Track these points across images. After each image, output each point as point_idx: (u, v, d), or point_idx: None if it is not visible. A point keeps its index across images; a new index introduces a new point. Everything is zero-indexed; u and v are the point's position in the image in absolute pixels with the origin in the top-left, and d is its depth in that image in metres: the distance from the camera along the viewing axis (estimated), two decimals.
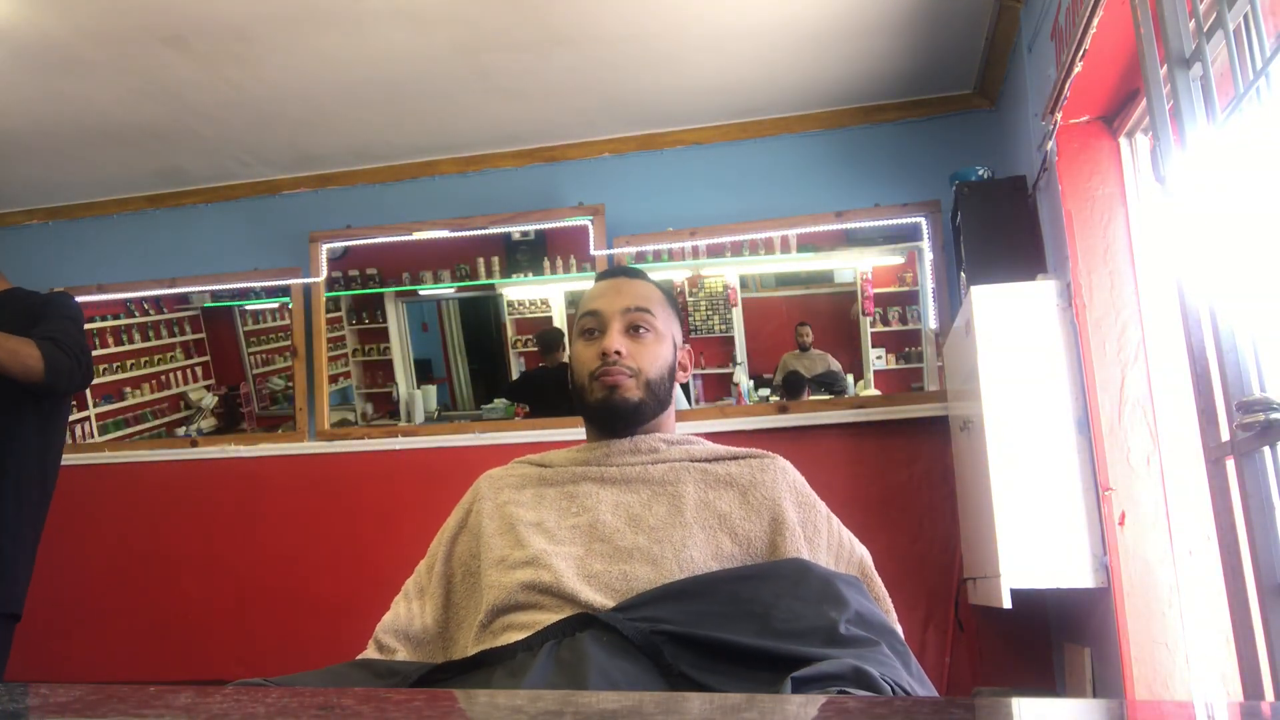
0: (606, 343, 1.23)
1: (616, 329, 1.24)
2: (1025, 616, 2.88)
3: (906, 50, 3.06)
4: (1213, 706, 0.64)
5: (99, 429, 4.02)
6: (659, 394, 1.25)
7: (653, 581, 1.07)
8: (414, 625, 1.20)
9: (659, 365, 1.25)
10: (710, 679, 0.90)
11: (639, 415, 1.24)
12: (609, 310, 1.26)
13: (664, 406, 1.28)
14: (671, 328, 1.30)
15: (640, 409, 1.23)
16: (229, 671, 3.43)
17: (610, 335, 1.23)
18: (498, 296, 4.10)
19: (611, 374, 1.22)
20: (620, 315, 1.25)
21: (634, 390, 1.23)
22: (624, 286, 1.28)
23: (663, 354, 1.26)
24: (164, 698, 0.63)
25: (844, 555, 1.21)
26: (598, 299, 1.28)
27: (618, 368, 1.22)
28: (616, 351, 1.22)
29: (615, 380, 1.22)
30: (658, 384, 1.25)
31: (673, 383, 1.29)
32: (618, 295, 1.27)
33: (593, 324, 1.26)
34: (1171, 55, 1.49)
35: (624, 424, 1.25)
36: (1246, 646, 1.39)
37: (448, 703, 0.64)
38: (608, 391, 1.23)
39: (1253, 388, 1.36)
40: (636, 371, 1.23)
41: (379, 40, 2.86)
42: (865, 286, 3.79)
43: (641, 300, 1.27)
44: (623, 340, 1.24)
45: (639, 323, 1.25)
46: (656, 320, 1.26)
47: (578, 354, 1.28)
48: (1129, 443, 2.20)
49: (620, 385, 1.22)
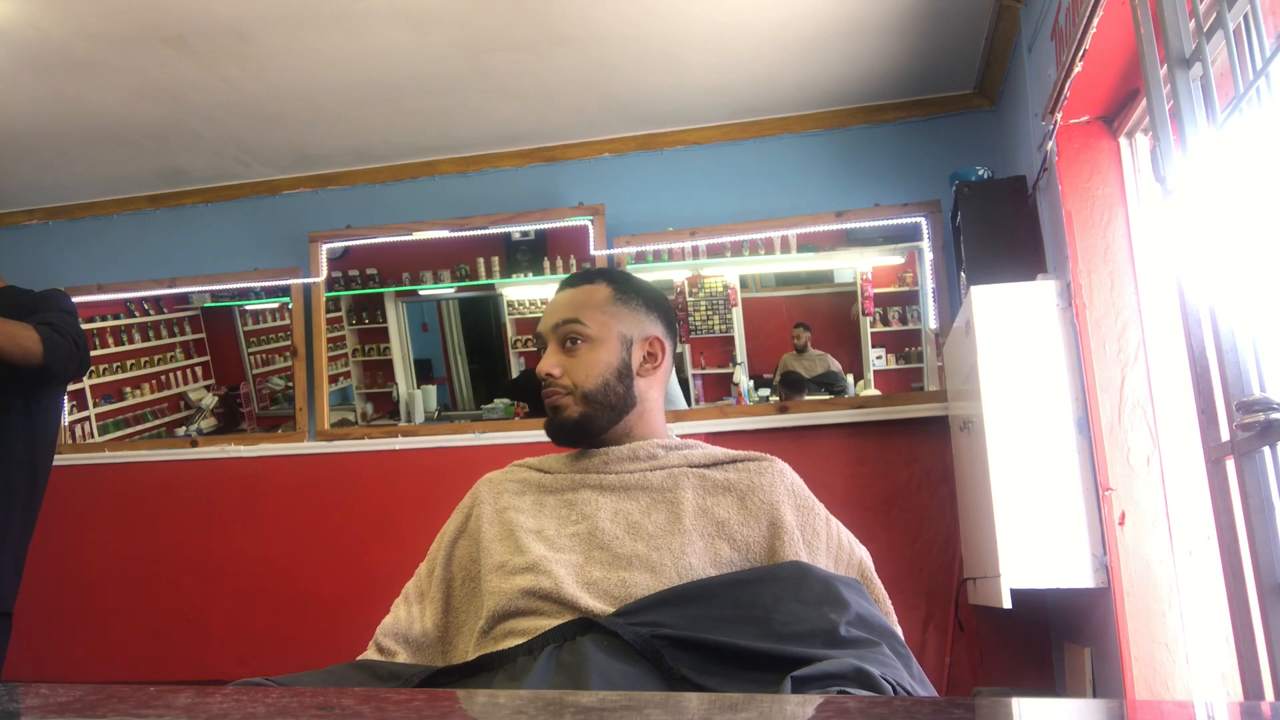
0: (540, 365, 1.26)
1: (551, 348, 1.27)
2: (1025, 616, 2.88)
3: (906, 50, 3.06)
4: (1213, 706, 0.64)
5: (99, 429, 4.02)
6: (606, 400, 1.24)
7: (651, 588, 1.07)
8: (414, 629, 1.19)
9: (595, 373, 1.24)
10: (711, 682, 0.90)
11: (585, 429, 1.24)
12: (545, 331, 1.28)
13: (621, 410, 1.25)
14: (616, 326, 1.27)
15: (583, 423, 1.24)
16: (229, 671, 3.43)
17: (545, 358, 1.26)
18: (498, 296, 4.10)
19: (550, 396, 1.25)
20: (553, 333, 1.27)
21: (572, 407, 1.24)
22: (559, 301, 1.29)
23: (600, 360, 1.25)
24: (164, 698, 0.63)
25: (843, 557, 1.21)
26: (541, 320, 1.30)
27: (554, 389, 1.25)
28: (549, 374, 1.25)
29: (554, 401, 1.25)
30: (598, 392, 1.24)
31: (628, 382, 1.26)
32: (551, 312, 1.28)
33: (539, 344, 1.30)
34: (1171, 55, 1.49)
35: (573, 440, 1.26)
36: (1246, 646, 1.39)
37: (448, 703, 0.64)
38: (552, 413, 1.26)
39: (1253, 388, 1.36)
40: (571, 388, 1.24)
41: (379, 40, 2.86)
42: (865, 286, 3.79)
43: (572, 311, 1.26)
44: (557, 358, 1.25)
45: (569, 335, 1.26)
46: (588, 327, 1.25)
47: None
48: (1129, 443, 2.20)
49: (560, 406, 1.25)
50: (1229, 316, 1.39)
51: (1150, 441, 2.19)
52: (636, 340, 1.28)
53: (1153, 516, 2.16)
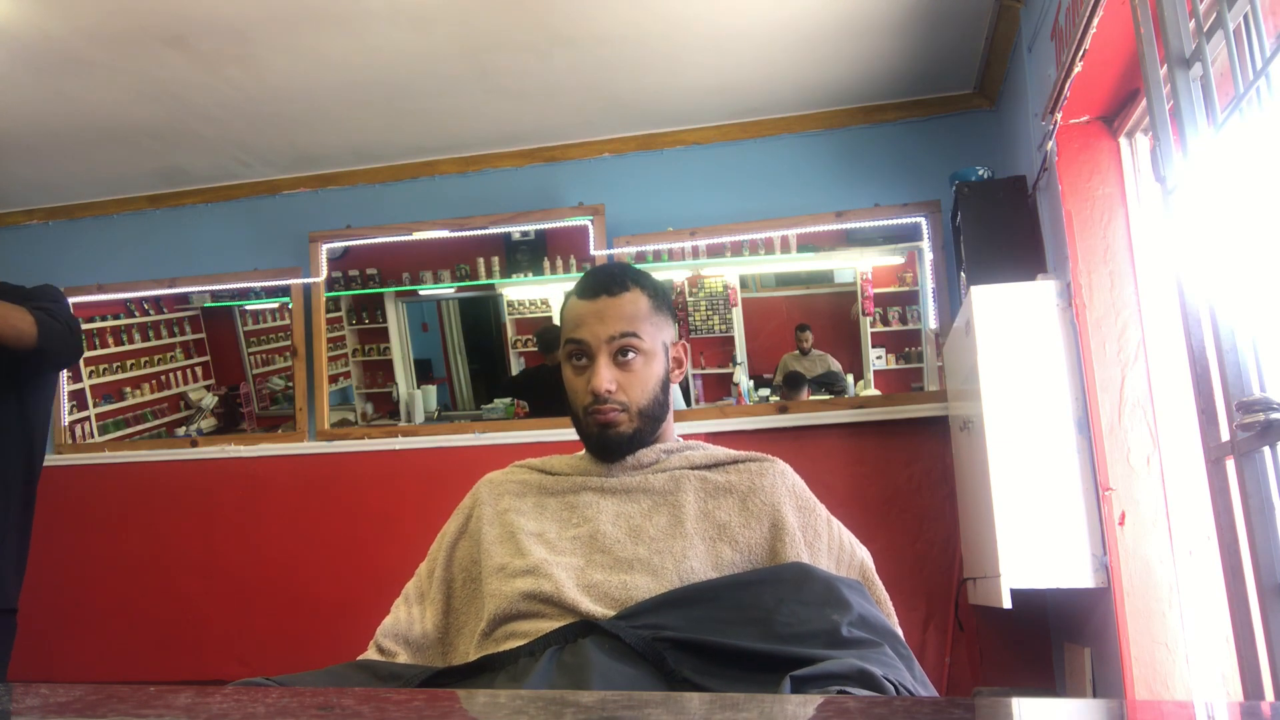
0: (595, 383, 1.20)
1: (603, 362, 1.21)
2: (1025, 616, 2.88)
3: (906, 50, 3.06)
4: (1213, 706, 0.64)
5: (99, 429, 4.02)
6: (655, 414, 1.24)
7: (653, 592, 1.06)
8: (414, 630, 1.19)
9: (649, 389, 1.23)
10: (713, 684, 0.90)
11: (635, 445, 1.23)
12: (594, 341, 1.21)
13: (661, 420, 1.26)
14: (661, 335, 1.26)
15: (635, 438, 1.23)
16: (229, 671, 3.43)
17: (598, 373, 1.20)
18: (498, 296, 4.10)
19: (604, 412, 1.20)
20: (605, 345, 1.21)
21: (626, 424, 1.22)
22: (607, 311, 1.22)
23: (653, 374, 1.23)
24: (164, 698, 0.63)
25: (845, 558, 1.21)
26: (581, 326, 1.23)
27: (609, 405, 1.20)
28: (606, 390, 1.20)
29: (608, 419, 1.21)
30: (650, 407, 1.23)
31: (668, 392, 1.27)
32: (601, 322, 1.21)
33: (576, 351, 1.23)
34: (1171, 55, 1.49)
35: (620, 455, 1.24)
36: (1246, 646, 1.39)
37: (448, 703, 0.64)
38: (601, 430, 1.21)
39: (1253, 388, 1.36)
40: (627, 405, 1.21)
41: (379, 40, 2.86)
42: (865, 286, 3.79)
43: (626, 323, 1.21)
44: (611, 373, 1.20)
45: (625, 348, 1.21)
46: (643, 340, 1.22)
47: (569, 381, 1.25)
48: (1129, 443, 2.20)
49: (614, 423, 1.21)
50: (1229, 316, 1.39)
51: (1150, 441, 2.19)
52: (670, 346, 1.28)
53: (1153, 516, 2.16)
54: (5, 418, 2.09)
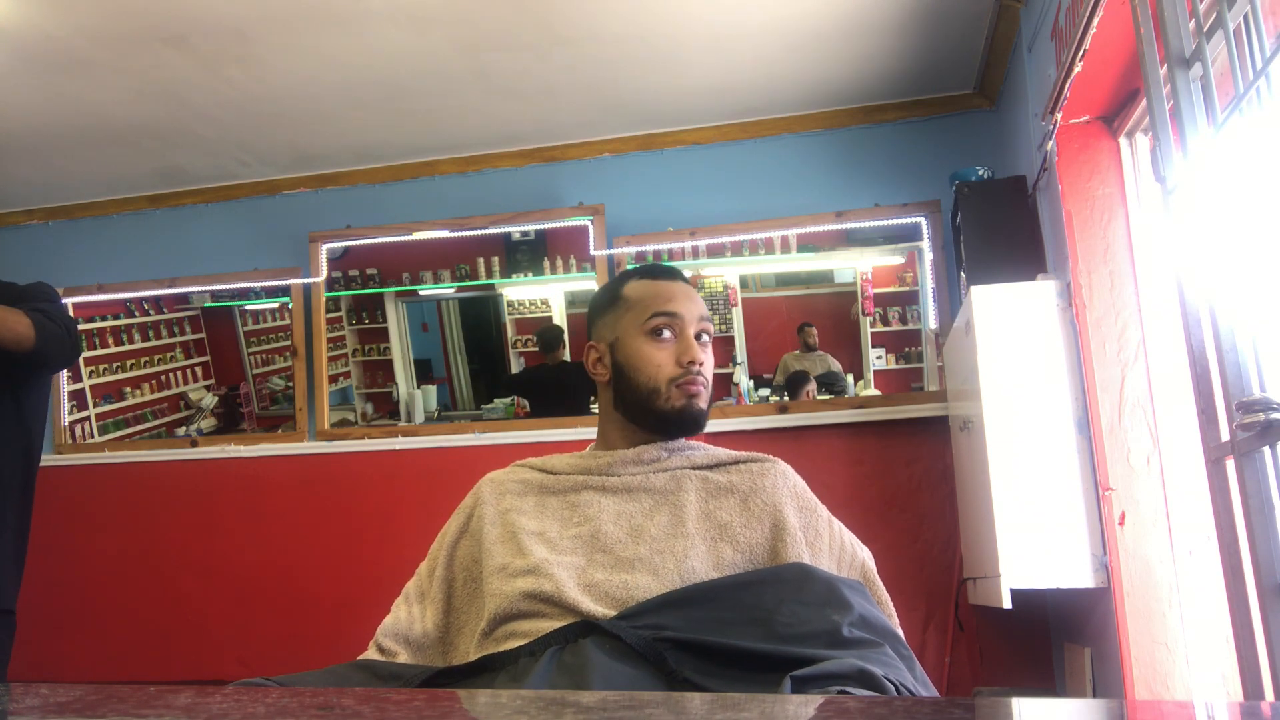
0: (693, 352, 1.24)
1: (690, 338, 1.26)
2: (1025, 616, 2.88)
3: (906, 50, 3.06)
4: (1213, 706, 0.64)
5: (99, 429, 4.02)
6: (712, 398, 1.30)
7: (654, 592, 1.06)
8: (414, 629, 1.19)
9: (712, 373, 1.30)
10: (714, 684, 0.90)
11: (704, 422, 1.27)
12: (688, 315, 1.25)
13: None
14: None
15: (705, 417, 1.27)
16: (229, 671, 3.43)
17: (693, 345, 1.24)
18: (498, 296, 4.10)
19: (696, 384, 1.24)
20: (695, 323, 1.26)
21: (704, 399, 1.26)
22: (693, 294, 1.29)
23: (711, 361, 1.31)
24: (164, 698, 0.63)
25: (846, 559, 1.21)
26: (672, 301, 1.26)
27: (701, 378, 1.24)
28: (701, 363, 1.24)
29: (698, 389, 1.24)
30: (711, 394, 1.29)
31: None
32: (691, 302, 1.27)
33: (667, 324, 1.25)
34: (1171, 55, 1.49)
35: (693, 430, 1.27)
36: (1246, 646, 1.39)
37: (448, 702, 0.64)
38: (688, 400, 1.23)
39: (1253, 388, 1.36)
40: (707, 383, 1.26)
41: (379, 40, 2.86)
42: (865, 286, 3.79)
43: (707, 311, 1.30)
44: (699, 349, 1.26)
45: (705, 332, 1.27)
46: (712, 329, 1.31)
47: (647, 355, 1.24)
48: (1129, 443, 2.20)
49: (699, 395, 1.24)
50: (1229, 316, 1.39)
51: (1150, 441, 2.19)
52: None
53: (1153, 516, 2.16)
54: (4, 419, 2.09)
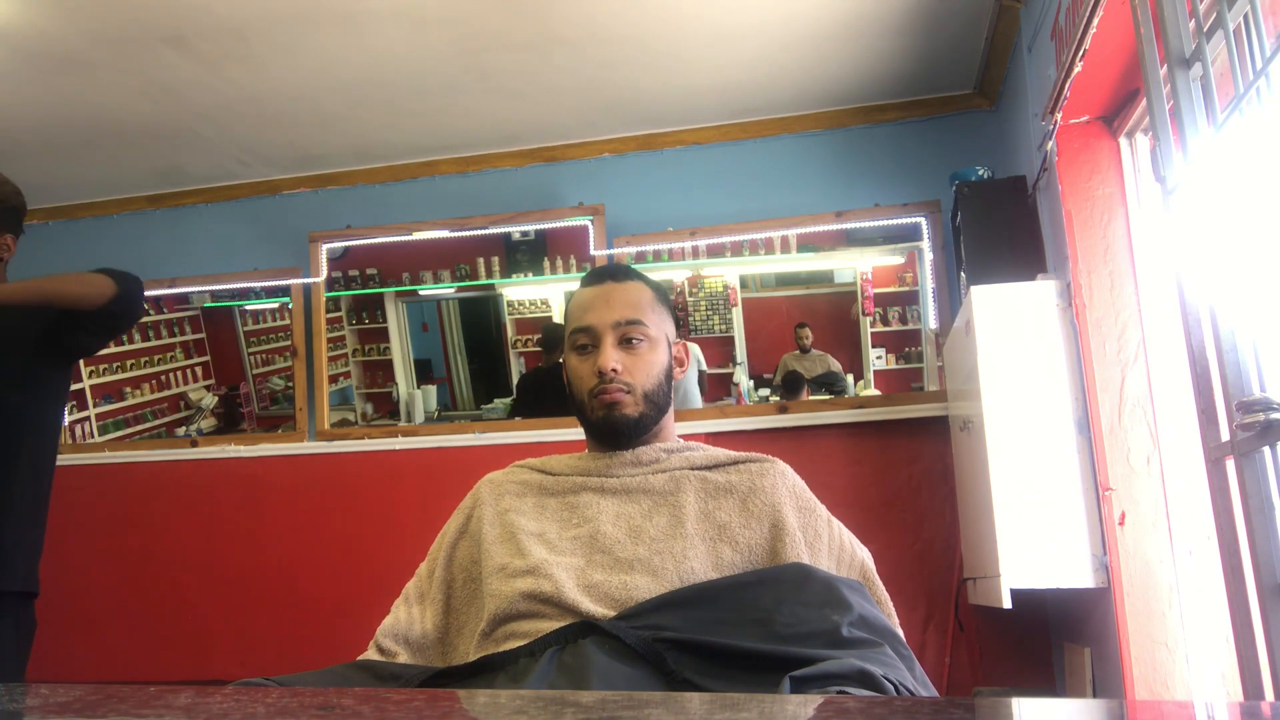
0: (601, 361, 1.22)
1: (610, 343, 1.23)
2: (1025, 616, 2.88)
3: (906, 50, 3.06)
4: (1213, 706, 0.64)
5: (99, 429, 4.01)
6: (658, 402, 1.25)
7: (653, 592, 1.06)
8: (414, 630, 1.19)
9: (654, 374, 1.24)
10: (714, 684, 0.90)
11: (640, 429, 1.24)
12: (600, 325, 1.24)
13: (664, 411, 1.27)
14: (664, 328, 1.28)
15: (640, 423, 1.23)
16: (229, 671, 3.43)
17: (605, 353, 1.22)
18: (498, 296, 4.10)
19: (610, 392, 1.22)
20: (612, 329, 1.24)
21: (632, 406, 1.22)
22: (613, 295, 1.26)
23: (657, 361, 1.25)
24: (164, 698, 0.63)
25: (845, 559, 1.21)
26: (588, 312, 1.26)
27: (615, 385, 1.22)
28: (613, 370, 1.21)
29: (614, 398, 1.22)
30: (654, 393, 1.24)
31: (670, 385, 1.28)
32: (607, 307, 1.25)
33: (585, 339, 1.25)
34: (1171, 55, 1.49)
35: (626, 439, 1.24)
36: (1246, 646, 1.39)
37: (448, 703, 0.64)
38: (607, 410, 1.22)
39: (1253, 388, 1.36)
40: (632, 387, 1.23)
41: (379, 40, 2.86)
42: (865, 286, 3.79)
43: (632, 310, 1.25)
44: (617, 355, 1.22)
45: (631, 335, 1.24)
46: (649, 328, 1.25)
47: (573, 369, 1.26)
48: (1129, 443, 2.20)
49: (619, 403, 1.22)
50: (1229, 316, 1.39)
51: (1150, 441, 2.19)
52: (672, 342, 1.30)
53: (1153, 516, 2.16)
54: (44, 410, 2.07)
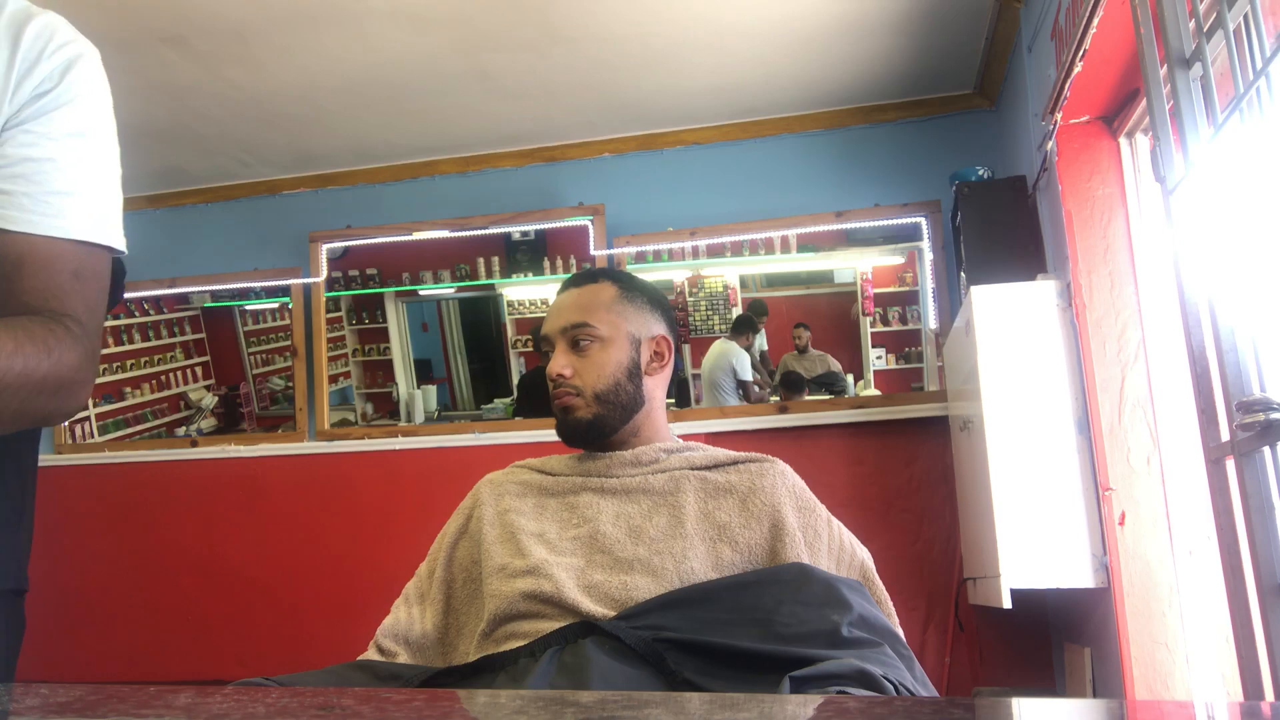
0: (549, 368, 1.25)
1: (560, 349, 1.26)
2: (1025, 616, 2.88)
3: (906, 50, 3.06)
4: (1213, 706, 0.64)
5: (99, 429, 4.01)
6: (617, 400, 1.24)
7: (653, 592, 1.06)
8: (414, 630, 1.19)
9: (606, 374, 1.24)
10: (714, 684, 0.90)
11: (597, 430, 1.24)
12: (552, 333, 1.28)
13: (631, 410, 1.26)
14: (624, 326, 1.27)
15: (596, 424, 1.24)
16: (229, 671, 3.43)
17: (554, 359, 1.26)
18: (498, 296, 4.10)
19: (560, 397, 1.25)
20: (560, 335, 1.26)
21: (584, 409, 1.24)
22: (564, 303, 1.29)
23: (610, 359, 1.25)
24: (164, 698, 0.63)
25: (845, 559, 1.21)
26: (547, 321, 1.30)
27: (563, 389, 1.24)
28: (559, 374, 1.24)
29: (565, 402, 1.24)
30: (609, 393, 1.24)
31: (638, 381, 1.27)
32: (558, 314, 1.28)
33: (546, 347, 1.29)
34: (1171, 55, 1.49)
35: (585, 442, 1.26)
36: (1246, 646, 1.39)
37: (448, 703, 0.64)
38: (563, 414, 1.25)
39: (1253, 388, 1.36)
40: (581, 390, 1.24)
41: (379, 40, 2.86)
42: (865, 286, 3.79)
43: (578, 314, 1.26)
44: (567, 359, 1.25)
45: (579, 337, 1.25)
46: (598, 328, 1.25)
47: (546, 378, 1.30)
48: (1129, 443, 2.20)
49: (571, 406, 1.24)
50: (1229, 316, 1.39)
51: (1150, 441, 2.19)
52: (644, 339, 1.29)
53: (1153, 516, 2.16)
54: None
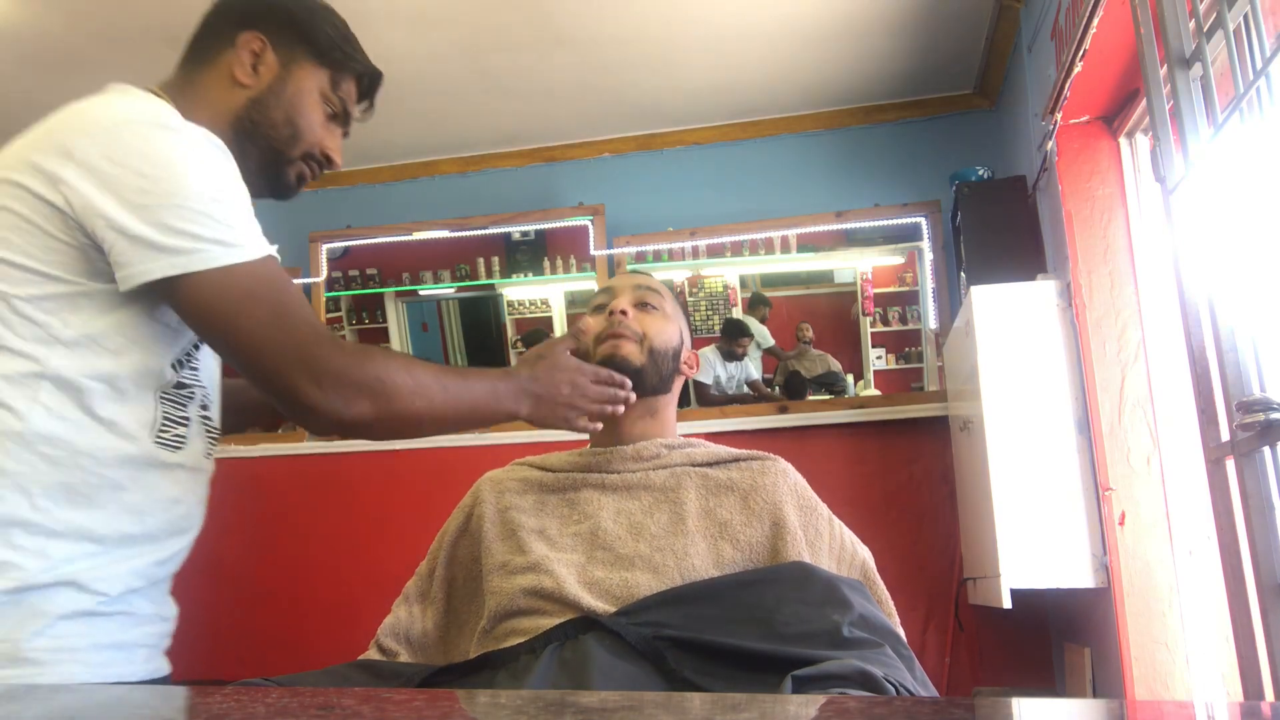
0: (614, 303, 1.23)
1: (627, 302, 1.25)
2: (1025, 616, 2.88)
3: (906, 50, 3.06)
4: (1213, 706, 0.64)
5: None
6: (662, 369, 1.23)
7: (654, 589, 1.06)
8: (415, 629, 1.19)
9: (665, 338, 1.24)
10: (713, 683, 0.90)
11: (639, 382, 1.20)
12: (620, 286, 1.28)
13: (665, 387, 1.25)
14: (679, 321, 1.30)
15: (641, 375, 1.20)
16: (229, 671, 3.43)
17: (618, 298, 1.24)
18: (498, 296, 4.10)
19: (617, 332, 1.21)
20: (631, 291, 1.27)
21: (637, 354, 1.21)
22: (637, 275, 1.32)
23: (670, 331, 1.26)
24: (164, 698, 0.63)
25: (846, 558, 1.20)
26: (613, 280, 1.32)
27: (623, 328, 1.21)
28: (623, 311, 1.22)
29: (621, 342, 1.20)
30: (662, 355, 1.23)
31: (676, 370, 1.28)
32: (630, 278, 1.30)
33: (604, 299, 1.27)
34: (1171, 55, 1.49)
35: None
36: (1246, 646, 1.39)
37: (448, 702, 0.64)
38: (612, 349, 1.20)
39: (1253, 388, 1.36)
40: (642, 336, 1.22)
41: (379, 40, 2.84)
42: (865, 286, 3.79)
43: (654, 284, 1.29)
44: (631, 307, 1.25)
45: (648, 300, 1.26)
46: (666, 305, 1.28)
47: (586, 325, 1.25)
48: (1129, 443, 2.20)
49: (624, 341, 1.21)
50: (1229, 316, 1.39)
51: (1150, 441, 2.19)
52: (685, 339, 1.32)
53: (1153, 516, 2.16)
54: None
